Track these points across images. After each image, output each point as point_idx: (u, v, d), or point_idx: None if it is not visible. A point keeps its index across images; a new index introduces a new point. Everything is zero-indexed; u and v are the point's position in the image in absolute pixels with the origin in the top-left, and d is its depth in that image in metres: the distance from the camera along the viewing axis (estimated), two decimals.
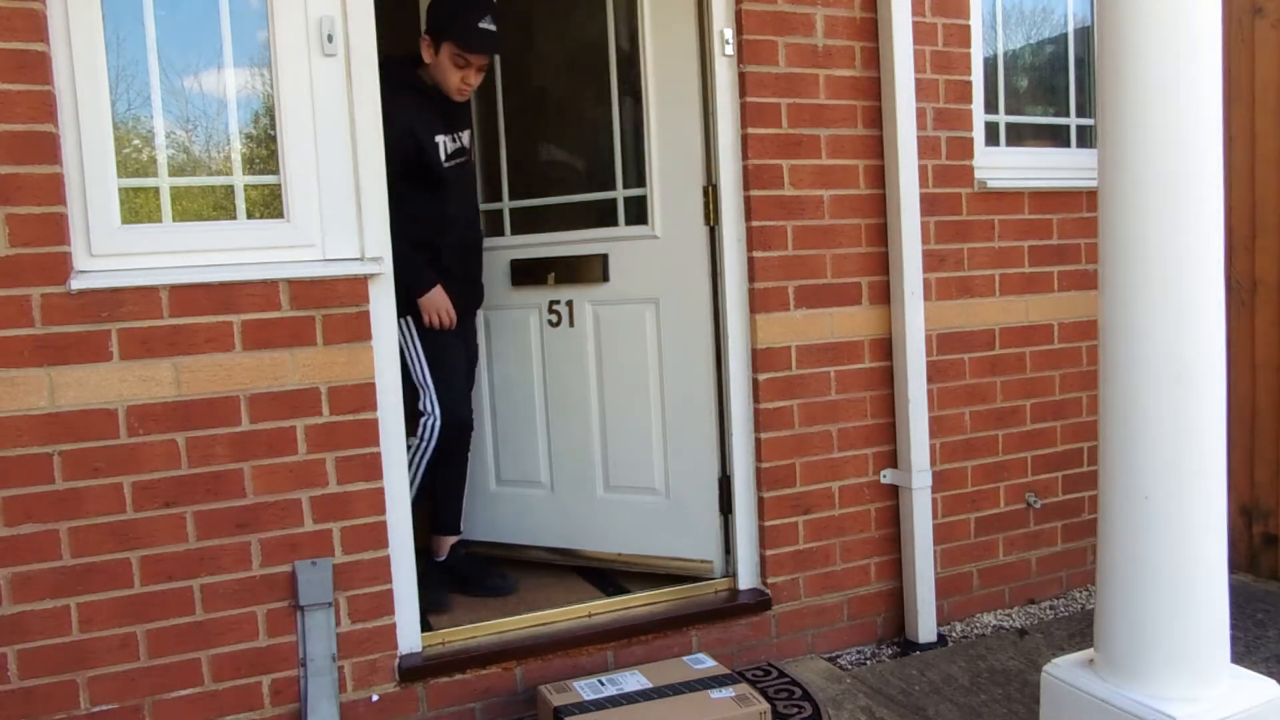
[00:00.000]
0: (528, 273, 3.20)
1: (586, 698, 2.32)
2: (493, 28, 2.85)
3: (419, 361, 3.00)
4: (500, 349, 3.31)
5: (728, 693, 2.41)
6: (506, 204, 3.30)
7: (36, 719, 2.20)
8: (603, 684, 2.49)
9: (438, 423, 2.99)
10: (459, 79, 2.89)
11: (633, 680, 2.51)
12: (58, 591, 2.20)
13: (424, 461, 2.99)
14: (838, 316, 2.97)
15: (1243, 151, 3.38)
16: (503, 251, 3.25)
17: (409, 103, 2.83)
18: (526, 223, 3.29)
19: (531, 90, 3.29)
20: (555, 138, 3.31)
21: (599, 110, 3.12)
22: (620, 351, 3.08)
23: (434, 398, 2.99)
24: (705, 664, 2.59)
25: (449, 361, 3.04)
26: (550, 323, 3.19)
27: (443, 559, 3.15)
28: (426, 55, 2.88)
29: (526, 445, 3.28)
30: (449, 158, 2.98)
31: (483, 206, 3.30)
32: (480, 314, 3.28)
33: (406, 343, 2.96)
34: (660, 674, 2.54)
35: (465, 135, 3.06)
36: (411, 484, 2.72)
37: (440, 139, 2.94)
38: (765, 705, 2.37)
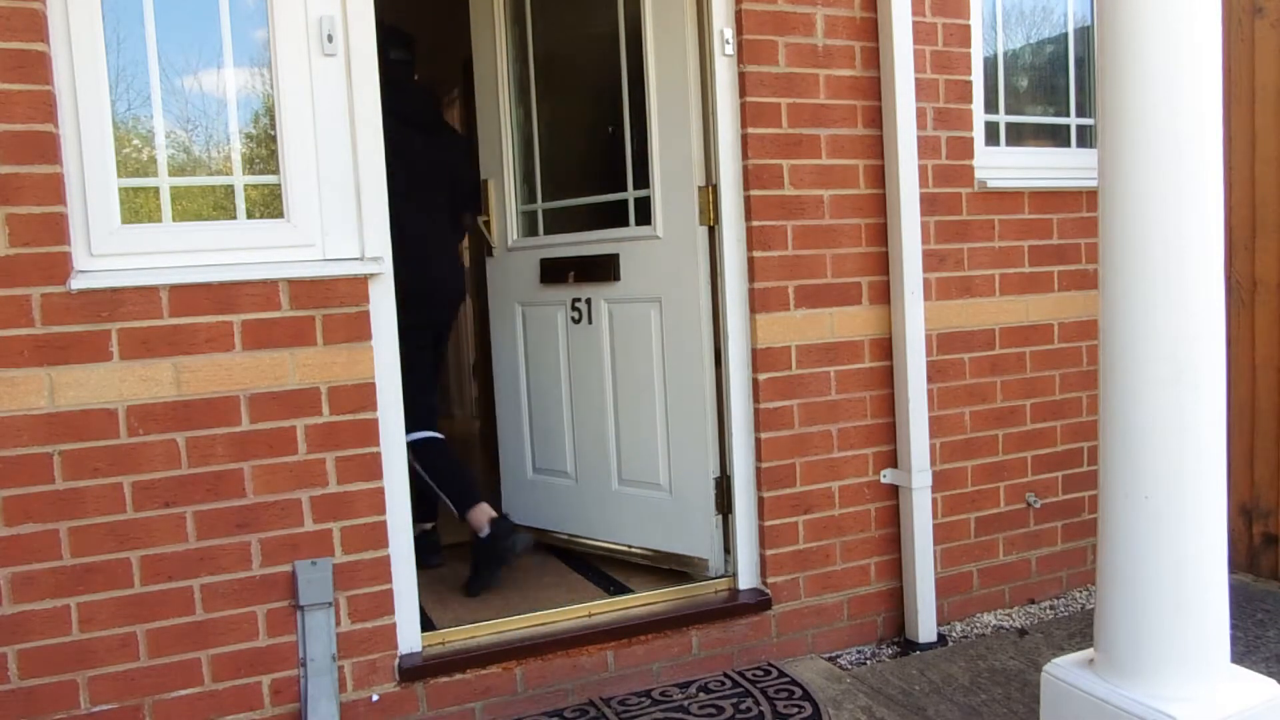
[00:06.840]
0: (552, 272, 3.32)
1: None
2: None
3: None
4: (533, 344, 3.45)
5: None
6: (519, 206, 3.46)
7: (37, 719, 2.20)
8: None
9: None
10: None
11: None
12: (58, 591, 2.20)
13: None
14: (838, 316, 2.97)
15: (1243, 151, 3.38)
16: (533, 251, 3.39)
17: None
18: (550, 224, 3.44)
19: (547, 90, 3.33)
20: (573, 139, 3.40)
21: (610, 112, 3.16)
22: (630, 348, 3.15)
23: None
24: None
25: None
26: (573, 319, 3.30)
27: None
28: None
29: (555, 437, 3.40)
30: None
31: (524, 207, 3.46)
32: (517, 307, 3.44)
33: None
34: None
35: None
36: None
37: None
38: None
